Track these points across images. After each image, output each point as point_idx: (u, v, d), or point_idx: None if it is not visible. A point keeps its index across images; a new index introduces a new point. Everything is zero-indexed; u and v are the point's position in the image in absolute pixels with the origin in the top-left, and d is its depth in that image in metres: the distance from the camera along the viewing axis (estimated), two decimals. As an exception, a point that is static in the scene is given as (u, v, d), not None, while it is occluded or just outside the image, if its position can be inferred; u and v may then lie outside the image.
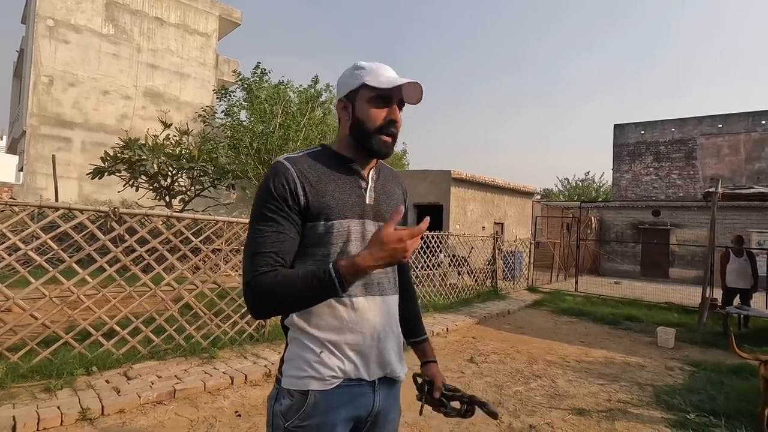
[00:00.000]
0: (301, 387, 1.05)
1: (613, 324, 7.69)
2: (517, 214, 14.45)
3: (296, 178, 1.06)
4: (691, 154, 19.63)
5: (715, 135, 19.21)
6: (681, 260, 16.48)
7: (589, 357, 5.54)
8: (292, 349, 1.11)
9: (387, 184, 1.23)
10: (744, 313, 7.15)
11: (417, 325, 1.35)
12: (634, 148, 20.86)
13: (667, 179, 19.83)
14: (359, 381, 1.10)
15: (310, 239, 1.08)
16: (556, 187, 33.43)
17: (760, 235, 14.67)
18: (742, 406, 3.79)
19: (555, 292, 10.85)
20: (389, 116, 1.11)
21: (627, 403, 4.00)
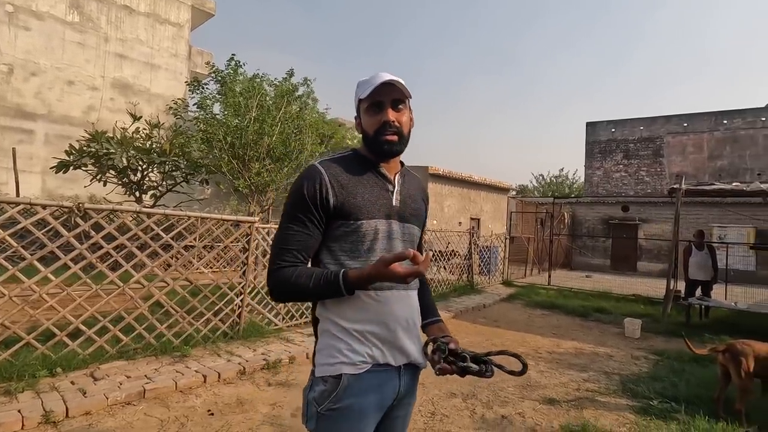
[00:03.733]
0: (333, 372, 1.14)
1: (583, 316, 7.93)
2: (493, 209, 14.68)
3: (328, 182, 1.16)
4: (658, 151, 20.36)
5: (680, 134, 19.99)
6: (648, 254, 17.12)
7: (560, 348, 5.70)
8: (323, 340, 1.20)
9: (411, 189, 1.33)
10: (705, 304, 7.50)
11: (431, 308, 1.41)
12: (605, 145, 21.48)
13: (636, 176, 20.52)
14: (386, 366, 1.19)
15: (342, 236, 1.19)
16: (532, 183, 34.15)
17: (720, 230, 15.39)
18: (701, 392, 3.99)
19: (529, 286, 11.10)
20: (382, 119, 1.20)
21: (595, 392, 4.14)
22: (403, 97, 1.23)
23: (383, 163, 1.25)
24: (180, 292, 4.44)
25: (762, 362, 3.42)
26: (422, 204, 1.37)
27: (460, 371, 1.14)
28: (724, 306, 7.40)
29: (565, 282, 12.12)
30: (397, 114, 1.22)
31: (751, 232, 14.89)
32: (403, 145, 1.24)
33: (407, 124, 1.25)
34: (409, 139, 1.27)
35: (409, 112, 1.29)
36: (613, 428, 3.31)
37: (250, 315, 5.24)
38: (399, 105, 1.23)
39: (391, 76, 1.20)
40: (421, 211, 1.36)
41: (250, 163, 8.01)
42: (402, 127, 1.22)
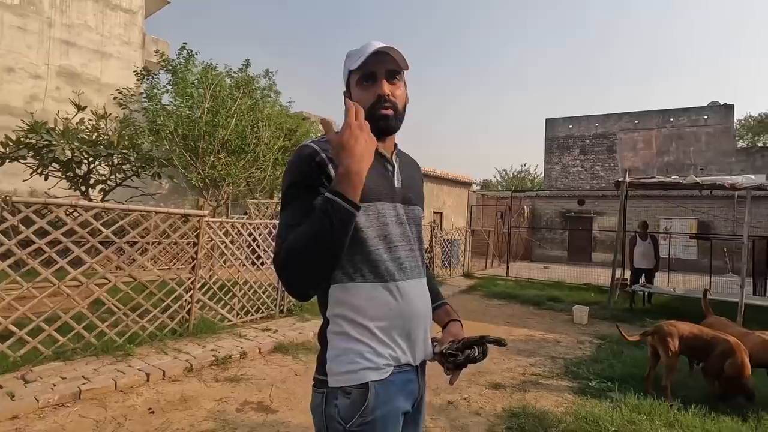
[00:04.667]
0: (358, 381, 1.00)
1: (537, 305, 8.24)
2: (456, 203, 14.95)
3: (325, 156, 1.02)
4: (612, 147, 21.33)
5: (632, 130, 21.01)
6: (602, 245, 17.95)
7: (512, 336, 5.91)
8: (337, 344, 1.04)
9: (409, 169, 1.22)
10: (648, 291, 7.96)
11: (437, 292, 1.31)
12: (563, 141, 22.27)
13: (592, 171, 21.42)
14: (407, 366, 1.08)
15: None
16: (495, 178, 34.98)
17: (667, 221, 16.33)
18: (635, 372, 4.24)
19: (489, 278, 11.41)
20: (376, 92, 1.07)
21: (539, 376, 4.32)
22: (399, 68, 1.10)
23: (381, 143, 1.10)
24: (123, 289, 4.28)
25: (686, 341, 3.67)
26: (420, 184, 1.27)
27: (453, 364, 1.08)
28: (665, 292, 7.89)
29: (524, 273, 12.52)
30: (393, 87, 1.09)
31: (693, 223, 15.89)
32: (399, 121, 1.12)
33: (402, 98, 1.13)
34: (405, 115, 1.15)
35: (405, 86, 1.15)
36: (551, 408, 3.47)
37: (202, 311, 5.12)
38: (395, 77, 1.10)
39: (385, 44, 1.07)
40: (421, 192, 1.26)
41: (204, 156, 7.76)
42: (397, 102, 1.10)
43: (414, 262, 1.12)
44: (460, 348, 1.08)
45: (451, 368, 1.08)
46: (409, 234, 1.13)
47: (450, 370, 1.09)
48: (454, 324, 1.23)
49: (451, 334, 1.17)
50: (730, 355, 3.42)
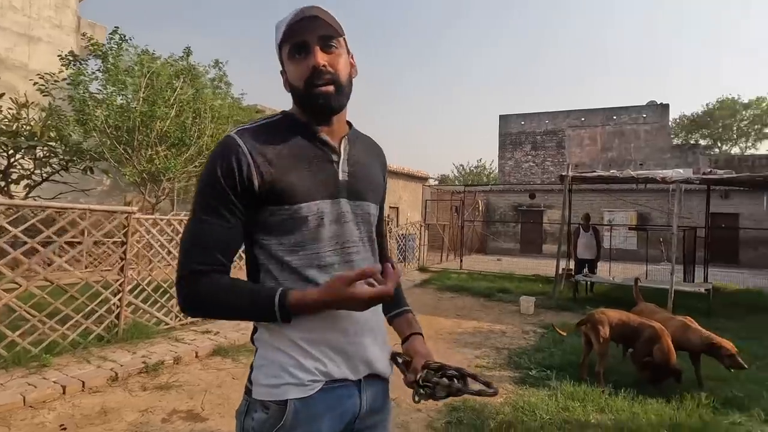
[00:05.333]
0: (277, 397, 0.90)
1: (488, 296, 8.41)
2: (412, 198, 15.02)
3: (249, 157, 0.89)
4: (561, 143, 22.27)
5: (579, 127, 22.02)
6: (551, 237, 18.71)
7: (460, 328, 5.97)
8: (262, 353, 0.95)
9: (363, 156, 1.05)
10: (590, 280, 8.34)
11: (400, 298, 1.17)
12: (515, 137, 23.00)
13: (543, 165, 22.29)
14: (343, 381, 0.95)
15: (276, 226, 0.93)
16: (453, 173, 35.60)
17: (609, 214, 17.25)
18: (573, 359, 4.39)
19: (443, 271, 11.56)
20: (310, 64, 0.92)
21: (483, 367, 4.38)
22: (335, 33, 0.95)
23: (324, 126, 0.97)
24: (38, 294, 3.89)
25: (616, 329, 3.83)
26: (379, 174, 1.10)
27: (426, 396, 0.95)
28: (605, 281, 8.30)
29: (478, 266, 12.80)
30: (330, 56, 0.94)
31: (633, 215, 16.88)
32: (342, 97, 0.96)
33: (345, 68, 0.97)
34: (351, 89, 1.00)
35: (348, 54, 1.00)
36: (491, 400, 3.50)
37: (134, 315, 4.78)
38: (330, 44, 0.94)
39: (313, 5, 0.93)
40: (378, 183, 1.08)
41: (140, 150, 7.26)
42: (338, 74, 0.94)
43: (360, 263, 0.99)
44: (438, 377, 0.96)
45: (424, 397, 0.97)
46: (354, 233, 0.99)
47: (423, 398, 0.97)
48: (417, 339, 1.10)
49: (421, 356, 1.03)
50: (656, 340, 3.59)
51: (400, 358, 1.05)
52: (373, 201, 1.05)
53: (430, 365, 0.98)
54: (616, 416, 3.18)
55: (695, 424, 3.02)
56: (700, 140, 32.11)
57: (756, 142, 32.63)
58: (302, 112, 0.98)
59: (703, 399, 3.38)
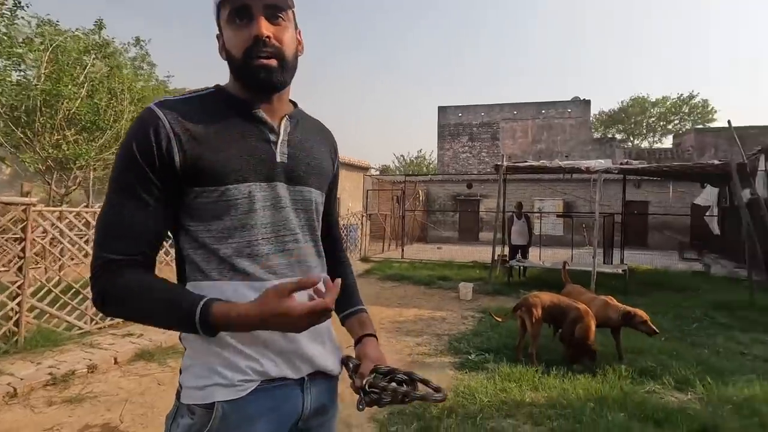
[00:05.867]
0: (203, 399, 0.81)
1: (428, 284, 8.56)
2: (353, 188, 14.89)
3: (169, 131, 0.80)
4: (495, 135, 23.25)
5: (512, 120, 23.10)
6: (487, 225, 19.54)
7: (402, 317, 6.00)
8: (191, 353, 0.86)
9: (308, 139, 0.96)
10: (523, 265, 8.78)
11: (351, 295, 1.08)
12: (453, 128, 23.63)
13: (479, 156, 23.16)
14: (283, 381, 0.86)
15: (201, 210, 0.84)
16: (394, 163, 35.91)
17: (540, 202, 18.35)
18: (509, 341, 4.56)
19: (385, 261, 11.61)
20: (252, 33, 0.83)
21: (425, 354, 4.41)
22: (284, 3, 0.86)
23: (263, 104, 0.88)
24: None
25: (547, 310, 4.02)
26: (327, 159, 1.01)
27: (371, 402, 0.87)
28: (536, 266, 8.79)
29: (419, 255, 13.03)
30: (276, 28, 0.85)
31: (560, 203, 18.10)
32: (286, 73, 0.88)
33: (291, 44, 0.89)
34: (296, 67, 0.91)
35: (295, 29, 0.92)
36: (433, 387, 3.52)
37: (40, 321, 4.22)
38: (278, 14, 0.86)
39: None
40: (324, 168, 0.99)
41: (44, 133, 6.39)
42: (283, 48, 0.86)
43: (298, 258, 0.90)
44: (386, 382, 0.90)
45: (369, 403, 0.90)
46: (292, 221, 0.90)
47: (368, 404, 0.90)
48: (370, 342, 1.03)
49: (371, 360, 0.96)
50: (579, 320, 3.81)
51: (351, 362, 0.99)
52: (316, 187, 0.96)
53: (379, 369, 0.93)
54: (548, 393, 3.34)
55: (617, 395, 3.25)
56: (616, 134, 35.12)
57: (662, 137, 36.36)
58: (240, 86, 0.89)
59: (623, 371, 3.65)
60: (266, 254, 0.85)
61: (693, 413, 2.91)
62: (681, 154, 20.69)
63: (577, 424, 2.78)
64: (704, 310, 6.13)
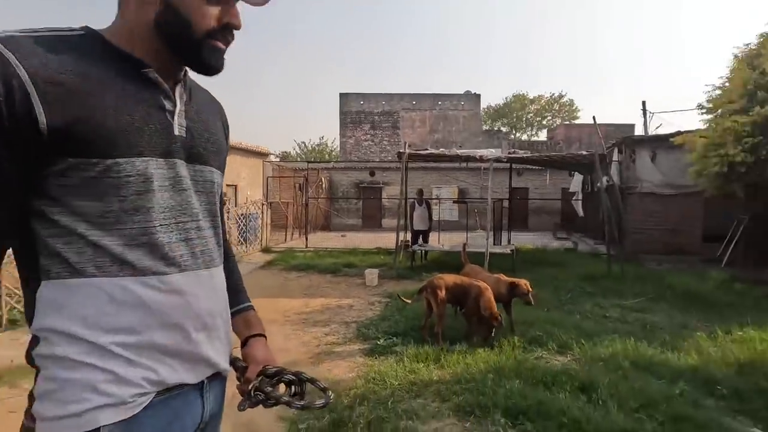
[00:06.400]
0: (82, 428, 0.65)
1: (334, 272, 8.48)
2: (252, 175, 14.05)
3: (26, 79, 0.59)
4: (396, 124, 23.87)
5: (411, 110, 23.92)
6: (390, 212, 20.08)
7: (308, 307, 5.83)
8: (52, 373, 0.67)
9: (203, 111, 0.84)
10: (424, 249, 9.18)
11: (237, 291, 0.97)
12: (355, 116, 23.66)
13: (380, 145, 23.58)
14: (181, 387, 0.76)
15: (79, 188, 0.66)
16: (295, 150, 34.86)
17: (438, 189, 19.39)
18: (415, 323, 4.69)
19: (288, 251, 11.22)
20: (226, 18, 0.73)
21: (334, 344, 4.33)
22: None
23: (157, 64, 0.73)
24: None
25: (451, 291, 4.22)
26: (221, 135, 0.90)
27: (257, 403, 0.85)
28: (436, 249, 9.25)
29: (323, 243, 12.85)
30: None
31: (455, 190, 19.34)
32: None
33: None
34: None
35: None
36: (343, 376, 3.47)
37: None
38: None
39: None
40: (221, 146, 0.87)
41: None
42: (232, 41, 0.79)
43: (201, 247, 0.80)
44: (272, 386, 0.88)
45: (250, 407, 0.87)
46: (194, 205, 0.79)
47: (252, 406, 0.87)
48: (257, 343, 0.95)
49: (258, 362, 0.90)
50: (481, 295, 4.08)
51: (238, 363, 0.94)
52: (216, 167, 0.86)
53: (267, 371, 0.90)
54: (453, 370, 3.50)
55: (512, 364, 3.53)
56: (502, 127, 38.64)
57: (538, 131, 40.96)
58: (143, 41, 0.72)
59: (516, 342, 4.00)
60: (167, 243, 0.73)
61: (573, 373, 3.29)
62: (553, 146, 23.55)
63: (480, 396, 2.95)
64: (575, 282, 7.05)
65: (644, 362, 3.59)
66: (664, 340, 4.26)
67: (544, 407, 2.75)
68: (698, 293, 6.22)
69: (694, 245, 9.96)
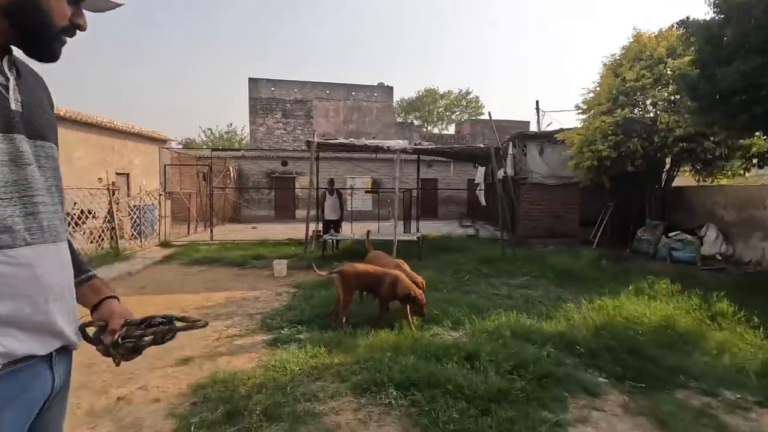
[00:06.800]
0: None
1: (241, 265, 8.16)
2: (147, 163, 12.83)
3: None
4: (309, 113, 23.41)
5: (324, 99, 23.63)
6: (304, 202, 19.74)
7: (210, 301, 5.56)
8: None
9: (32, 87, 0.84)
10: (335, 238, 9.23)
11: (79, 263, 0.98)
12: (266, 103, 22.72)
13: (293, 134, 22.97)
14: (30, 359, 0.75)
15: None
16: (200, 137, 32.46)
17: (351, 179, 19.51)
18: (321, 311, 4.74)
19: (190, 244, 10.50)
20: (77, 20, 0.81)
21: (235, 336, 4.20)
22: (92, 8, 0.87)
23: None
24: None
25: (362, 279, 4.32)
26: (51, 112, 0.92)
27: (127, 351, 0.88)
28: (347, 238, 9.36)
29: (230, 235, 12.24)
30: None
31: (369, 181, 19.63)
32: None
33: None
34: None
35: None
36: (243, 367, 3.40)
37: None
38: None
39: None
40: (53, 120, 0.90)
41: None
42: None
43: (48, 222, 0.81)
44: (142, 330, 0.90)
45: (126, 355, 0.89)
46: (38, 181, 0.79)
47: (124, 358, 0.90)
48: (112, 301, 0.98)
49: (119, 316, 0.93)
50: (397, 282, 4.17)
51: (96, 324, 0.94)
52: (55, 143, 0.88)
53: (131, 321, 0.91)
54: (355, 352, 3.62)
55: (410, 342, 3.75)
56: (414, 120, 39.97)
57: (447, 125, 43.12)
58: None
59: (415, 321, 4.25)
60: (9, 217, 0.73)
61: (461, 345, 3.61)
62: (460, 139, 25.01)
63: (377, 373, 3.10)
64: (473, 265, 7.65)
65: (523, 331, 4.05)
66: (541, 311, 4.84)
67: (433, 378, 2.98)
68: (572, 270, 7.13)
69: (573, 229, 11.38)
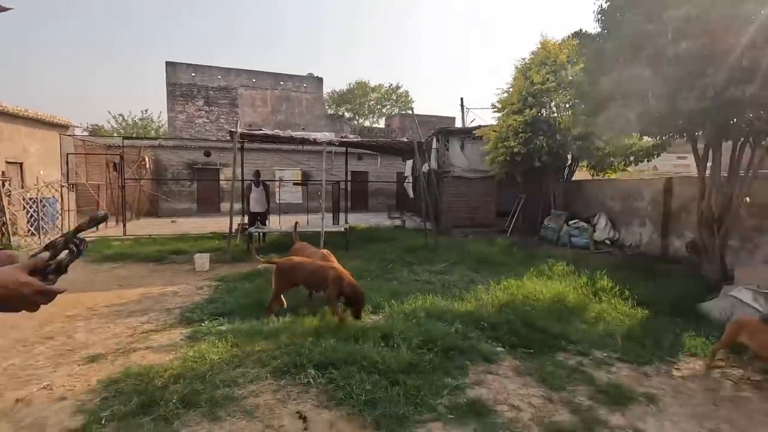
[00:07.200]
0: None
1: (158, 260, 7.75)
2: (45, 151, 11.54)
3: None
4: (234, 101, 22.40)
5: (251, 88, 22.73)
6: (228, 195, 18.93)
7: (123, 299, 5.27)
8: None
9: None
10: (262, 231, 9.08)
11: None
12: (186, 89, 21.32)
13: (217, 123, 21.84)
14: None
15: None
16: (110, 124, 29.58)
17: (280, 171, 19.08)
18: (244, 302, 4.74)
19: (100, 240, 9.69)
20: None
21: (151, 332, 4.07)
22: None
23: None
24: None
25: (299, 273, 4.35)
26: None
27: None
28: (274, 231, 9.26)
29: (148, 230, 11.47)
30: None
31: (298, 173, 19.35)
32: None
33: None
34: None
35: None
36: (159, 361, 3.34)
37: None
38: None
39: None
40: None
41: None
42: None
43: None
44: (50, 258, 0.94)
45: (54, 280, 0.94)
46: None
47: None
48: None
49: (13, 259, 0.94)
50: (340, 278, 4.15)
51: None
52: None
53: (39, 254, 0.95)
54: (277, 338, 3.71)
55: (332, 327, 3.93)
56: (346, 113, 39.84)
57: (378, 118, 43.58)
58: None
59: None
60: None
61: (379, 326, 3.86)
62: (390, 133, 25.49)
63: (297, 356, 3.24)
64: (398, 254, 8.00)
65: (436, 312, 4.41)
66: (455, 294, 5.28)
67: (351, 357, 3.19)
68: (487, 256, 7.77)
69: (490, 219, 12.27)
